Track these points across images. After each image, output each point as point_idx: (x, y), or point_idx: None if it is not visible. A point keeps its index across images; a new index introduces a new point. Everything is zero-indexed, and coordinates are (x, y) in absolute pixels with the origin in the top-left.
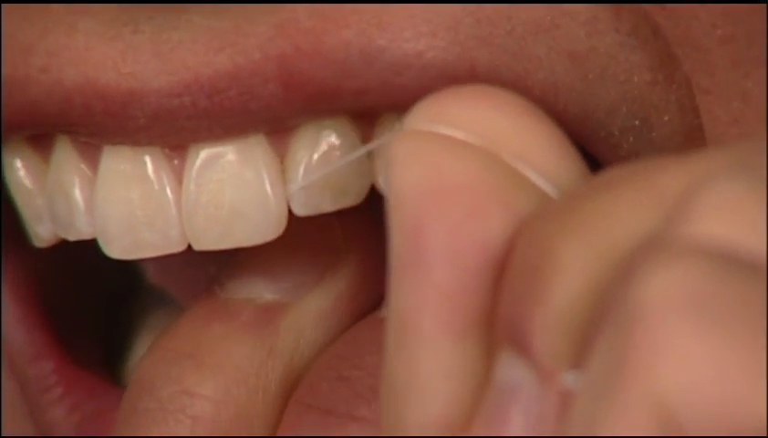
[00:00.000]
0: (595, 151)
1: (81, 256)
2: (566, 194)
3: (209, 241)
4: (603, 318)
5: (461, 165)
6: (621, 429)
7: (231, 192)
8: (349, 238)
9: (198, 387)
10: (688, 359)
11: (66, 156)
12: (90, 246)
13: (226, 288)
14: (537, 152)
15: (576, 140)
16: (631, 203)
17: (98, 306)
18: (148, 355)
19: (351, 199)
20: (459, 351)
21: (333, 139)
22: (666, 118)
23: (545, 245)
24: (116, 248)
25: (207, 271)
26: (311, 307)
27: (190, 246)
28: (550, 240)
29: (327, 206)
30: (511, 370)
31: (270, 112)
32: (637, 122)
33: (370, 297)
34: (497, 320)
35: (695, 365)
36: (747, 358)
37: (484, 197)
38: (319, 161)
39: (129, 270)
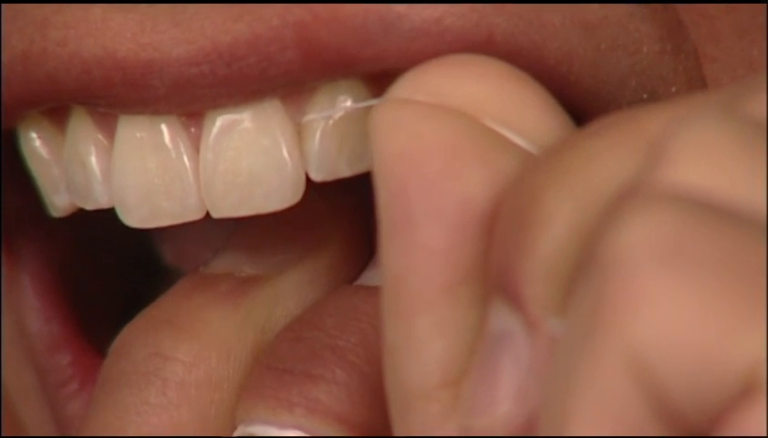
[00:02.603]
0: None
1: (101, 244)
2: (552, 146)
3: (228, 208)
4: (583, 265)
5: (439, 128)
6: (595, 381)
7: (248, 159)
8: (334, 217)
9: (172, 350)
10: (660, 309)
11: (82, 126)
12: (110, 233)
13: (210, 265)
14: (518, 114)
15: (587, 117)
16: (616, 149)
17: (119, 292)
18: (129, 324)
19: (367, 164)
20: (450, 307)
21: (348, 104)
22: (673, 89)
23: (531, 194)
24: (134, 217)
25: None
26: (289, 281)
27: (206, 221)
28: (536, 189)
29: (344, 171)
30: (502, 319)
31: (288, 78)
32: (645, 96)
33: (351, 274)
34: (488, 271)
35: (668, 315)
36: (720, 306)
37: (461, 156)
38: (335, 126)
39: (149, 256)
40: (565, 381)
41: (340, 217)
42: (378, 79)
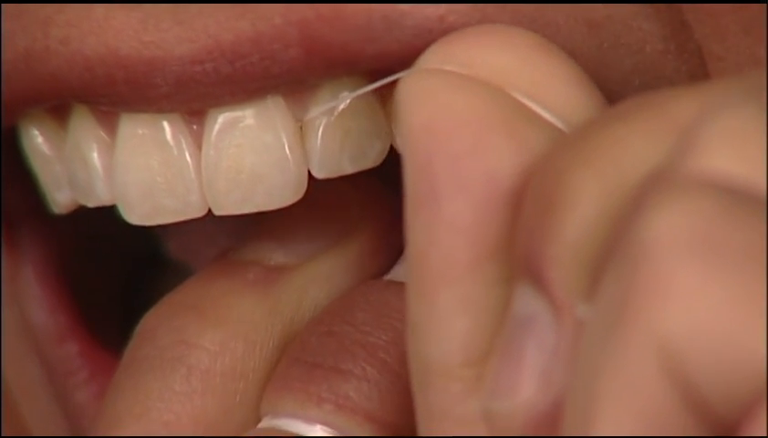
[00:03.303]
0: None
1: (103, 237)
2: (581, 125)
3: (230, 205)
4: (612, 251)
5: (467, 100)
6: (623, 370)
7: (251, 156)
8: (364, 207)
9: (197, 338)
10: (691, 299)
11: (83, 122)
12: (112, 226)
13: (239, 252)
14: (547, 88)
15: None
16: (644, 133)
17: (121, 285)
18: (154, 308)
19: (370, 161)
20: (474, 285)
21: (353, 95)
22: None
23: (558, 175)
24: (136, 214)
25: (226, 245)
26: (318, 271)
27: (209, 215)
28: (563, 171)
29: (347, 168)
30: (527, 302)
31: (291, 76)
32: None
33: (381, 265)
34: (514, 252)
35: (698, 306)
36: (751, 298)
37: (489, 129)
38: (337, 123)
39: (152, 249)
40: (593, 368)
41: (371, 206)
42: (381, 78)
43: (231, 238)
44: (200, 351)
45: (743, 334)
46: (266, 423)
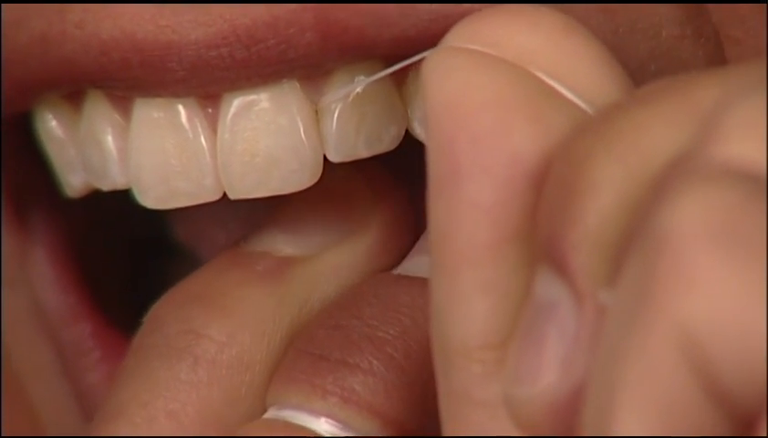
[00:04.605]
0: None
1: (113, 220)
2: (603, 110)
3: (245, 189)
4: (635, 239)
5: (492, 80)
6: (645, 358)
7: (266, 139)
8: (376, 199)
9: (205, 328)
10: (713, 289)
11: (98, 106)
12: (122, 210)
13: (249, 242)
14: (572, 69)
15: None
16: (666, 118)
17: (131, 268)
18: (164, 297)
19: (385, 145)
20: (496, 267)
21: (368, 78)
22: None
23: (580, 161)
24: (150, 197)
25: (234, 231)
26: (327, 263)
27: (218, 200)
28: (584, 157)
29: (362, 152)
30: (548, 287)
31: (307, 60)
32: None
33: (391, 259)
34: (536, 236)
35: (721, 294)
36: None
37: (511, 111)
38: (353, 107)
39: (160, 232)
40: (614, 355)
41: (382, 199)
42: (397, 62)
43: (239, 224)
44: (207, 342)
45: (765, 324)
46: (271, 415)
